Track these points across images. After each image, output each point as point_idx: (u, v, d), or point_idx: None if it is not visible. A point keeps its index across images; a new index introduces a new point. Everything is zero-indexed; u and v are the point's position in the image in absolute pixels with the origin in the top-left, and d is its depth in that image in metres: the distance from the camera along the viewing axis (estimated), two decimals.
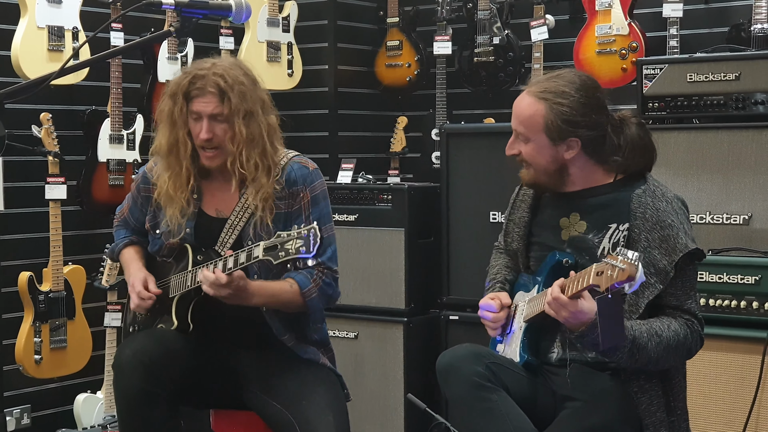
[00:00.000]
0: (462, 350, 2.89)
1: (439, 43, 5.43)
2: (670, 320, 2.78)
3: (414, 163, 5.66)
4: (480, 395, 2.75)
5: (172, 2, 2.53)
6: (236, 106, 3.02)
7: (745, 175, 3.76)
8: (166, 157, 3.12)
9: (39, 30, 4.43)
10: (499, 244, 3.25)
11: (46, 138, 4.48)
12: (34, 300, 4.47)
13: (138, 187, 3.29)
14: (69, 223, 4.68)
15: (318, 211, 3.14)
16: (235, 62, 3.14)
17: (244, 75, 3.08)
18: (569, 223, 2.95)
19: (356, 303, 4.71)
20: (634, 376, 2.79)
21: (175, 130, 3.08)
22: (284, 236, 2.84)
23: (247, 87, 3.05)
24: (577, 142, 2.86)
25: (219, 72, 3.02)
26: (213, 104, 3.02)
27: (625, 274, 2.45)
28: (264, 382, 3.11)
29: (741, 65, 3.81)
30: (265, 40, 5.26)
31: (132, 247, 3.34)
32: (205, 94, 3.02)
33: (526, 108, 2.88)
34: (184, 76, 3.07)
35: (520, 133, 2.90)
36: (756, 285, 3.54)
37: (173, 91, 3.08)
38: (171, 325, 3.10)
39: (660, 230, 2.78)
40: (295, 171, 3.15)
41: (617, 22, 4.86)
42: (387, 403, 4.65)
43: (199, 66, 3.07)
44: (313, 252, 2.80)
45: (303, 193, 3.13)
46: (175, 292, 3.12)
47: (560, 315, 2.66)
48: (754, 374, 3.50)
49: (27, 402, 4.70)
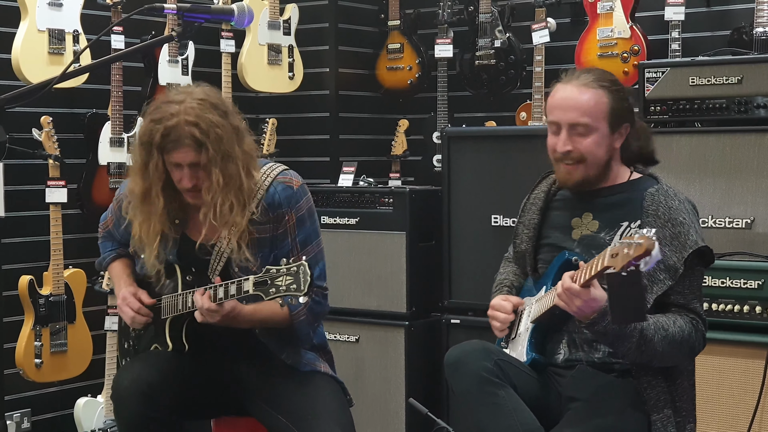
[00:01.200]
0: (471, 345, 2.90)
1: (441, 46, 5.43)
2: (676, 317, 2.79)
3: (415, 166, 5.65)
4: (487, 390, 2.75)
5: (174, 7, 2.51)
6: (213, 155, 2.89)
7: (748, 178, 3.75)
8: (140, 205, 3.02)
9: (39, 33, 4.42)
10: (509, 255, 3.26)
11: (47, 141, 4.47)
12: (34, 304, 4.45)
13: (120, 207, 3.18)
14: (69, 227, 4.67)
15: (304, 232, 3.07)
16: (204, 96, 2.94)
17: (215, 110, 2.92)
18: (581, 222, 2.96)
19: (357, 307, 4.70)
20: (642, 372, 2.79)
21: (148, 181, 2.97)
22: (273, 271, 2.79)
23: (221, 127, 2.91)
24: (627, 128, 2.91)
25: (191, 120, 2.87)
26: (191, 155, 2.90)
27: (642, 248, 2.45)
28: (268, 394, 3.08)
29: (743, 69, 3.80)
30: (266, 43, 5.25)
31: (120, 260, 3.30)
32: (181, 146, 2.89)
33: (588, 98, 2.87)
34: (155, 126, 2.90)
35: (582, 125, 2.87)
36: (759, 290, 3.53)
37: (145, 141, 2.94)
38: (166, 347, 3.08)
39: (672, 227, 2.80)
40: (279, 193, 3.04)
41: (619, 26, 4.85)
42: (388, 407, 4.64)
43: (168, 111, 2.89)
44: (304, 290, 2.74)
45: (288, 215, 3.04)
46: (167, 314, 3.09)
47: (573, 305, 2.66)
48: (757, 379, 3.49)
49: (27, 406, 4.69)
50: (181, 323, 3.08)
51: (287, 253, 3.00)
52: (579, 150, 2.88)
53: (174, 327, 3.08)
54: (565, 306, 2.69)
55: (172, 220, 3.06)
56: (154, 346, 3.13)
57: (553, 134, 2.93)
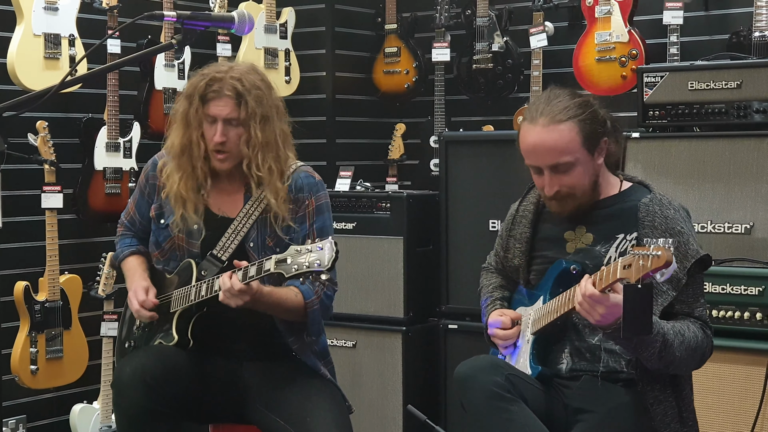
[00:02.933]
0: (481, 361, 2.87)
1: (438, 50, 5.41)
2: (688, 323, 2.77)
3: (412, 171, 5.64)
4: (499, 406, 2.72)
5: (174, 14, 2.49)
6: (252, 110, 3.02)
7: (747, 183, 3.74)
8: (179, 158, 3.11)
9: (35, 37, 4.39)
10: (488, 265, 3.24)
11: (43, 147, 4.44)
12: (30, 310, 4.42)
13: (147, 175, 3.26)
14: (65, 232, 4.64)
15: (322, 220, 3.15)
16: (252, 67, 3.14)
17: (261, 80, 3.09)
18: (575, 236, 2.93)
19: (354, 312, 4.68)
20: (649, 387, 2.76)
21: (188, 131, 3.08)
22: (298, 250, 2.81)
23: (263, 92, 3.06)
24: (605, 141, 2.88)
25: (236, 75, 3.03)
26: (229, 107, 3.02)
27: (662, 259, 2.42)
28: (267, 396, 3.08)
29: (742, 73, 3.80)
30: (262, 46, 5.23)
31: (136, 256, 3.30)
32: (221, 96, 3.02)
33: (558, 138, 2.80)
34: (201, 78, 3.07)
35: (562, 163, 2.82)
36: (759, 296, 3.52)
37: (189, 92, 3.08)
38: (171, 340, 3.06)
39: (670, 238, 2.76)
40: (302, 179, 3.15)
41: (617, 29, 4.83)
42: (385, 413, 4.62)
43: (216, 69, 3.08)
44: (328, 265, 2.77)
45: (308, 200, 3.14)
46: (177, 307, 3.08)
47: (595, 312, 2.59)
48: (758, 386, 3.47)
49: (23, 412, 4.65)
50: (189, 318, 3.07)
51: (303, 237, 3.08)
52: (566, 186, 2.85)
53: (182, 321, 3.07)
54: (586, 314, 2.62)
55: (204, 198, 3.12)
56: (158, 341, 3.10)
57: (536, 174, 2.89)
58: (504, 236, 3.13)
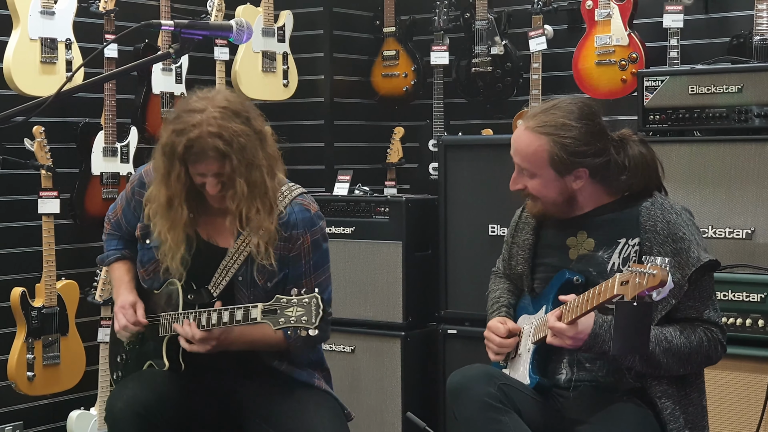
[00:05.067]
0: (474, 370, 2.85)
1: (437, 53, 5.39)
2: (684, 327, 2.75)
3: (411, 174, 5.62)
4: (491, 416, 2.70)
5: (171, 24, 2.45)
6: (237, 164, 2.86)
7: (748, 188, 3.72)
8: (165, 213, 2.98)
9: (32, 42, 4.37)
10: (497, 269, 3.22)
11: (39, 152, 4.42)
12: (26, 316, 4.40)
13: (133, 190, 3.16)
14: (62, 238, 4.63)
15: (318, 255, 3.05)
16: (225, 103, 2.89)
17: (237, 117, 2.88)
18: (577, 242, 2.91)
19: (353, 317, 4.66)
20: (655, 380, 2.76)
21: (170, 191, 2.94)
22: (284, 301, 2.76)
23: (244, 135, 2.87)
24: (585, 172, 2.83)
25: (214, 131, 2.82)
26: (215, 166, 2.87)
27: (656, 279, 2.44)
28: (265, 412, 3.04)
29: (743, 77, 3.78)
30: (260, 50, 5.21)
31: (123, 262, 3.23)
32: (205, 159, 2.85)
33: (527, 144, 2.82)
34: (177, 138, 2.86)
35: (525, 168, 2.84)
36: (762, 303, 3.50)
37: (168, 152, 2.90)
38: (162, 366, 3.02)
39: (672, 243, 2.75)
40: (296, 214, 3.02)
41: (617, 33, 4.81)
42: (384, 418, 4.60)
43: (189, 123, 2.85)
44: (315, 323, 2.72)
45: (303, 237, 3.01)
46: (165, 333, 3.03)
47: (565, 343, 2.70)
48: (760, 393, 3.46)
49: (19, 419, 4.64)
50: (178, 343, 3.01)
51: (300, 275, 3.00)
52: (528, 188, 2.87)
53: (171, 346, 3.02)
54: (559, 344, 2.72)
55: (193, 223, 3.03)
56: (148, 364, 3.07)
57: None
58: (508, 242, 3.13)
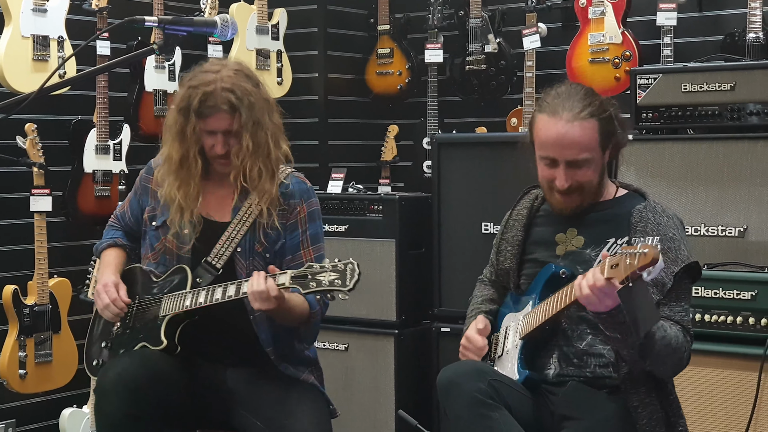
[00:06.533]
0: (464, 366, 2.85)
1: (431, 51, 5.39)
2: (671, 323, 2.75)
3: (405, 172, 5.61)
4: (481, 413, 2.70)
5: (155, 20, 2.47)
6: (246, 120, 3.02)
7: (741, 186, 3.72)
8: (177, 171, 3.10)
9: (23, 39, 4.37)
10: (483, 277, 3.22)
11: (31, 149, 4.41)
12: (18, 314, 4.40)
13: (141, 178, 3.27)
14: (54, 235, 4.62)
15: (315, 228, 3.15)
16: (238, 67, 3.10)
17: (249, 80, 3.07)
18: (566, 238, 2.93)
19: (346, 315, 4.64)
20: (633, 389, 2.74)
21: (185, 145, 3.07)
22: (316, 268, 2.83)
23: (254, 95, 3.04)
24: (615, 140, 2.89)
25: (228, 86, 3.00)
26: (227, 121, 3.02)
27: (648, 257, 2.44)
28: (249, 401, 3.07)
29: (736, 75, 3.77)
30: (254, 48, 5.20)
31: (114, 248, 3.29)
32: (217, 111, 3.00)
33: (581, 135, 2.81)
34: (193, 92, 3.02)
35: (581, 159, 2.82)
36: (752, 300, 3.49)
37: (182, 106, 3.05)
38: (159, 344, 3.01)
39: (661, 242, 2.76)
40: (293, 185, 3.16)
41: (610, 31, 4.81)
42: (377, 416, 4.59)
43: (205, 80, 3.02)
44: (350, 285, 2.79)
45: (300, 207, 3.14)
46: (167, 312, 3.04)
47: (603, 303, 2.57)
48: (750, 391, 3.44)
49: (12, 417, 4.63)
50: (177, 324, 3.04)
51: (297, 245, 3.10)
52: (578, 182, 2.85)
53: (170, 327, 3.03)
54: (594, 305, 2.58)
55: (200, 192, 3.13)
56: (142, 345, 3.05)
57: (547, 166, 2.87)
58: (497, 241, 3.13)
